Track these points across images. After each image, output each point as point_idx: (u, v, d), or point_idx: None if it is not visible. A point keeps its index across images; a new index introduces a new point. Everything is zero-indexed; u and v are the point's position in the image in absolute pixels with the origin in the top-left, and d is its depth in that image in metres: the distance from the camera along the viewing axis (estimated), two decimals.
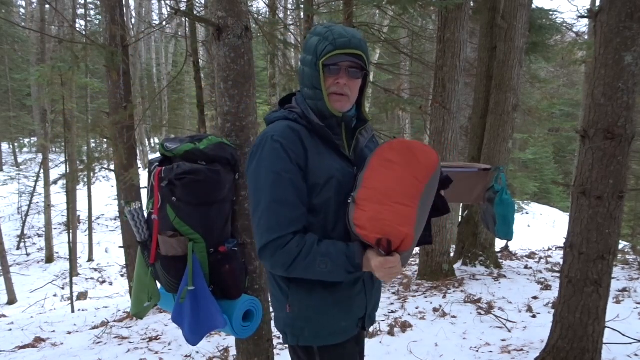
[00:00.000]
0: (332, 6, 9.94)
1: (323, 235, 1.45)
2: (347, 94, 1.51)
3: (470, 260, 6.61)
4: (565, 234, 3.02)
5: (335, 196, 1.47)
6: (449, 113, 5.87)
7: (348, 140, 1.59)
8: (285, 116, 1.51)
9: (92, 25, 20.38)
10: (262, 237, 1.40)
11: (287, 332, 1.55)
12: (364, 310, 1.61)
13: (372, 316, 1.70)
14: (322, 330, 1.52)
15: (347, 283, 1.52)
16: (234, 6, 2.09)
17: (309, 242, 1.39)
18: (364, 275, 1.55)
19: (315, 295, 1.50)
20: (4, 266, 10.19)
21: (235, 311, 2.01)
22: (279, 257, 1.39)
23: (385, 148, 1.52)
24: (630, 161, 3.45)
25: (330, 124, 1.53)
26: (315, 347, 1.53)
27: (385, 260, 1.34)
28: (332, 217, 1.48)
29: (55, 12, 14.73)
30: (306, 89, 1.52)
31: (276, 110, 1.60)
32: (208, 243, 1.93)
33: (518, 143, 18.39)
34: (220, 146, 1.99)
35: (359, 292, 1.57)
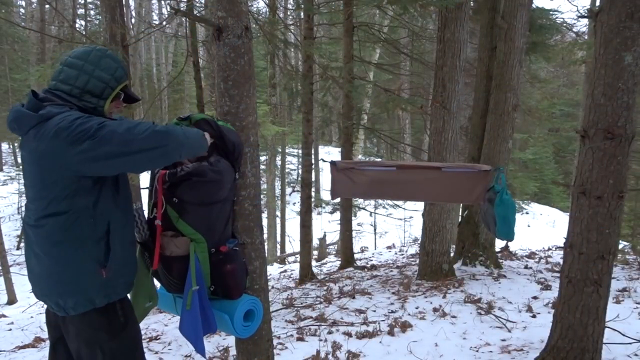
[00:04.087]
0: (332, 6, 9.94)
1: None
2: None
3: (470, 260, 6.61)
4: (565, 234, 3.02)
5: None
6: (449, 113, 5.87)
7: None
8: (68, 110, 1.72)
9: (92, 25, 20.38)
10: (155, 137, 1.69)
11: (95, 297, 1.75)
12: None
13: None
14: (129, 279, 1.89)
15: (133, 245, 1.94)
16: (234, 6, 2.09)
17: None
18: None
19: (125, 254, 1.84)
20: (4, 266, 10.19)
21: (236, 311, 2.01)
22: (176, 135, 1.76)
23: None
24: (630, 161, 3.45)
25: None
26: (117, 301, 1.81)
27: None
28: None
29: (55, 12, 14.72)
30: (88, 95, 1.80)
31: (32, 105, 1.72)
32: (209, 243, 1.94)
33: (518, 143, 18.39)
34: (233, 132, 2.08)
35: (133, 253, 1.98)
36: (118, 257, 1.78)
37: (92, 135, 1.61)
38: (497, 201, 3.94)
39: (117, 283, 1.80)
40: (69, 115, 1.66)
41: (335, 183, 4.47)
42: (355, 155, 14.20)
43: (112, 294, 1.79)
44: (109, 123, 1.66)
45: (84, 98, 1.79)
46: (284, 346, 3.90)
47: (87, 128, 1.62)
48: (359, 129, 12.10)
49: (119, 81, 1.86)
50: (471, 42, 7.95)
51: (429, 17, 9.78)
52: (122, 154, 1.64)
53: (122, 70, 1.87)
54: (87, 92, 1.79)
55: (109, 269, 1.74)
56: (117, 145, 1.62)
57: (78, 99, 1.78)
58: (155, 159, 1.71)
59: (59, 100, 1.74)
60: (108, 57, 1.85)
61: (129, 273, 1.88)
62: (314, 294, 6.07)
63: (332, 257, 12.05)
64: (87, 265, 1.73)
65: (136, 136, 1.64)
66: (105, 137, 1.61)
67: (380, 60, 14.51)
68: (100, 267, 1.73)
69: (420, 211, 6.96)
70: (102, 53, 1.84)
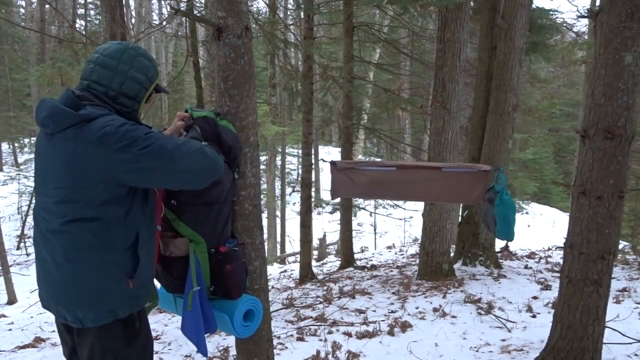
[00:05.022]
0: (332, 6, 9.95)
1: None
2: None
3: (470, 260, 6.61)
4: (565, 234, 3.02)
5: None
6: (449, 113, 5.87)
7: None
8: (108, 112, 1.68)
9: (92, 25, 20.38)
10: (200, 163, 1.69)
11: (119, 309, 1.70)
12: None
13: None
14: (150, 290, 1.85)
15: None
16: (234, 6, 2.09)
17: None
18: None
19: (149, 264, 1.80)
20: (4, 266, 10.19)
21: (236, 311, 2.01)
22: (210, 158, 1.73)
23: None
24: (630, 161, 3.45)
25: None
26: (135, 313, 1.76)
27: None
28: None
29: (55, 12, 14.72)
30: (123, 98, 1.74)
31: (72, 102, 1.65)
32: (209, 243, 1.94)
33: (518, 143, 18.39)
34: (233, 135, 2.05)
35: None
36: (145, 268, 1.75)
37: (140, 145, 1.58)
38: (497, 201, 3.94)
39: (140, 294, 1.76)
40: (113, 120, 1.61)
41: (335, 183, 4.47)
42: (355, 155, 14.18)
43: (135, 305, 1.75)
44: (157, 136, 1.63)
45: (119, 100, 1.73)
46: (284, 346, 3.90)
47: (135, 137, 1.58)
48: (359, 128, 12.10)
49: (152, 81, 1.81)
50: (471, 42, 7.95)
51: (429, 17, 9.78)
52: (166, 170, 1.61)
53: (155, 69, 1.81)
54: (123, 94, 1.73)
55: (136, 280, 1.70)
56: (164, 160, 1.60)
57: (114, 101, 1.72)
58: (195, 181, 1.70)
59: (97, 101, 1.68)
60: (142, 56, 1.78)
61: (150, 283, 1.85)
62: (314, 294, 6.07)
63: (332, 257, 12.05)
64: (115, 275, 1.67)
65: (185, 154, 1.63)
66: (153, 150, 1.59)
67: (380, 60, 14.51)
68: (127, 277, 1.68)
69: (420, 211, 6.96)
70: (136, 52, 1.77)
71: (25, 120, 23.02)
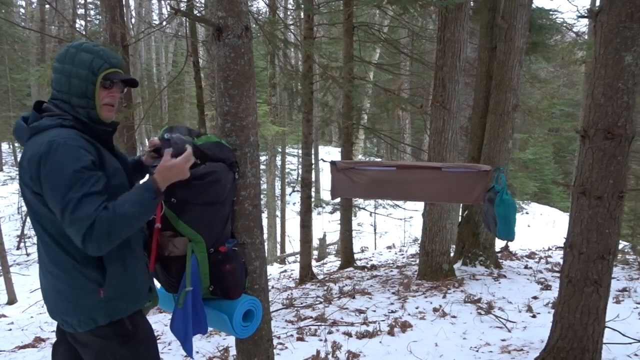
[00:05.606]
0: (332, 6, 9.95)
1: None
2: (116, 105, 1.82)
3: (470, 260, 6.61)
4: (565, 234, 3.02)
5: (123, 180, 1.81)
6: (449, 113, 5.87)
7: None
8: (60, 123, 1.66)
9: (92, 25, 20.37)
10: (80, 229, 1.57)
11: (96, 316, 1.71)
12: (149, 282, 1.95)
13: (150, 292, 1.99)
14: (136, 297, 1.82)
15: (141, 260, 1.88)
16: (234, 6, 2.09)
17: (110, 206, 1.61)
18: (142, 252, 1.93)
19: (127, 274, 1.77)
20: (4, 266, 10.19)
21: (235, 311, 2.01)
22: (97, 234, 1.57)
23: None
24: (630, 161, 3.45)
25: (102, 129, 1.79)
26: (125, 317, 1.77)
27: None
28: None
29: (55, 12, 14.72)
30: (75, 98, 1.71)
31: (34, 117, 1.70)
32: (208, 243, 1.94)
33: (518, 143, 18.39)
34: (218, 146, 2.01)
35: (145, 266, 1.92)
36: (117, 278, 1.73)
37: (50, 183, 1.58)
38: (497, 201, 3.94)
39: (119, 303, 1.74)
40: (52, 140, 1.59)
41: (335, 183, 4.47)
42: (355, 155, 14.19)
43: (115, 314, 1.74)
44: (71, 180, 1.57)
45: (72, 102, 1.71)
46: (284, 346, 3.90)
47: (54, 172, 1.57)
48: (359, 128, 12.11)
49: (98, 72, 1.72)
50: (471, 42, 7.95)
51: (429, 17, 9.78)
52: (59, 218, 1.60)
53: (100, 59, 1.72)
54: (73, 95, 1.71)
55: (107, 289, 1.70)
56: (57, 210, 1.58)
57: (70, 105, 1.71)
58: (82, 245, 1.61)
59: (57, 110, 1.70)
60: (83, 51, 1.72)
61: (135, 292, 1.81)
62: (314, 294, 6.07)
63: (332, 257, 12.06)
64: (84, 286, 1.69)
65: (73, 220, 1.56)
66: (54, 195, 1.58)
67: (380, 60, 14.51)
68: (98, 287, 1.69)
69: (420, 211, 6.96)
70: (77, 49, 1.72)
71: None
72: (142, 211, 1.68)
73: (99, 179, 1.63)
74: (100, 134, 1.76)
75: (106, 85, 1.75)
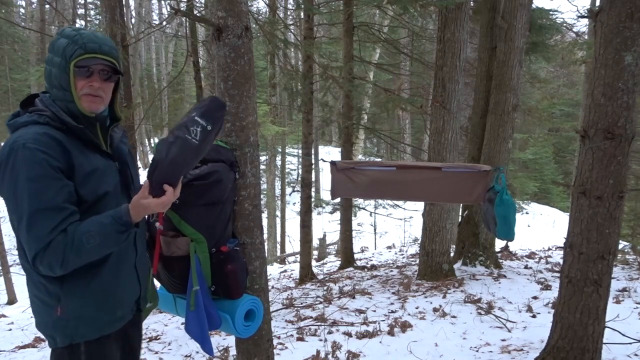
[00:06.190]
0: (332, 6, 9.95)
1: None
2: (101, 95, 1.58)
3: (470, 260, 6.61)
4: (565, 234, 3.02)
5: (106, 186, 1.57)
6: (449, 113, 5.87)
7: (104, 138, 1.65)
8: (35, 120, 1.49)
9: (92, 25, 20.38)
10: (30, 249, 1.41)
11: (56, 335, 1.54)
12: (138, 293, 1.72)
13: (146, 296, 1.79)
14: (99, 322, 1.57)
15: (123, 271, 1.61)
16: (234, 6, 2.09)
17: (70, 230, 1.42)
18: (135, 260, 1.67)
19: (91, 292, 1.54)
20: (4, 266, 10.19)
21: (237, 311, 2.01)
22: (49, 258, 1.40)
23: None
24: (630, 161, 3.45)
25: (83, 123, 1.56)
26: (81, 342, 1.55)
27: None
28: (112, 205, 1.56)
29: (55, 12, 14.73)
30: (55, 90, 1.53)
31: (17, 113, 1.55)
32: (210, 243, 1.94)
33: (518, 143, 18.39)
34: (215, 148, 2.02)
35: (132, 277, 1.66)
36: (80, 295, 1.52)
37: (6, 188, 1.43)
38: (497, 201, 3.94)
39: (77, 324, 1.53)
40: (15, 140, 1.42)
41: (335, 183, 4.47)
42: (355, 155, 14.19)
43: (75, 335, 1.54)
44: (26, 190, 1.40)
45: (54, 94, 1.54)
46: (284, 346, 3.90)
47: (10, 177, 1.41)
48: (359, 128, 12.11)
49: (69, 59, 1.50)
50: (471, 42, 7.94)
51: (429, 17, 9.78)
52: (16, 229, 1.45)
53: (75, 44, 1.50)
54: (53, 87, 1.53)
55: (64, 308, 1.51)
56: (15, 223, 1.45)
57: (52, 96, 1.55)
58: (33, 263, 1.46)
59: (39, 105, 1.54)
60: (63, 37, 1.52)
61: (101, 312, 1.57)
62: (314, 294, 6.07)
63: (332, 257, 12.05)
64: (44, 299, 1.53)
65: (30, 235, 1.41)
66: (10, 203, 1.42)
67: (380, 60, 14.51)
68: (56, 303, 1.51)
69: (420, 211, 6.96)
70: (60, 34, 1.54)
71: None
72: (104, 244, 1.47)
73: (60, 190, 1.43)
74: (76, 130, 1.52)
75: (83, 73, 1.52)
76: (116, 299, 1.61)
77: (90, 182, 1.51)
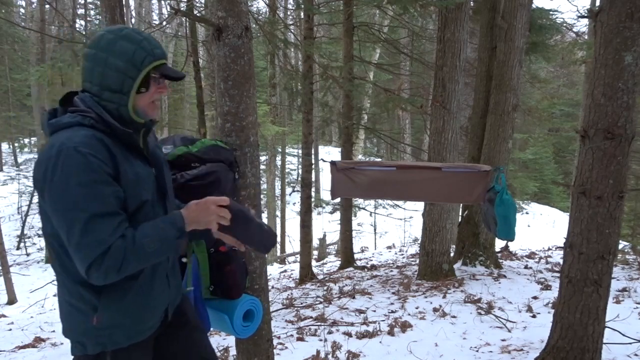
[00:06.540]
0: (332, 6, 9.95)
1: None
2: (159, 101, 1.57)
3: (470, 260, 6.61)
4: (565, 234, 3.02)
5: (146, 194, 1.50)
6: (449, 113, 5.87)
7: (143, 143, 1.60)
8: (79, 122, 1.41)
9: (92, 25, 20.35)
10: (87, 255, 1.34)
11: (87, 343, 1.50)
12: (167, 303, 1.66)
13: (174, 304, 1.73)
14: (132, 331, 1.54)
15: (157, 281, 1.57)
16: (234, 6, 2.09)
17: (128, 235, 1.39)
18: (167, 269, 1.63)
19: (128, 301, 1.50)
20: (4, 266, 10.18)
21: (236, 311, 2.01)
22: (107, 263, 1.35)
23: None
24: (630, 161, 3.45)
25: (131, 128, 1.51)
26: (109, 351, 1.51)
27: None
28: (150, 214, 1.51)
29: (55, 12, 14.73)
30: (107, 92, 1.46)
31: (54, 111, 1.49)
32: (208, 243, 1.94)
33: (518, 143, 18.38)
34: (214, 149, 2.02)
35: (164, 287, 1.62)
36: (116, 304, 1.49)
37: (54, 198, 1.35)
38: (497, 201, 3.94)
39: (111, 333, 1.50)
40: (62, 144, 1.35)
41: (335, 183, 4.47)
42: (355, 155, 14.18)
43: (107, 343, 1.50)
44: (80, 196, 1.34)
45: (104, 96, 1.46)
46: (284, 346, 3.90)
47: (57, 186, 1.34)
48: (359, 128, 12.11)
49: (141, 66, 1.45)
50: (471, 42, 7.94)
51: (429, 17, 9.78)
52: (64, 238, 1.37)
53: (143, 50, 1.45)
54: (106, 89, 1.45)
55: (101, 317, 1.47)
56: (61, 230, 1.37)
57: (100, 98, 1.46)
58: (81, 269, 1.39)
59: (81, 105, 1.45)
60: (123, 39, 1.45)
61: (134, 321, 1.54)
62: (314, 294, 6.07)
63: (332, 257, 12.05)
64: (79, 307, 1.48)
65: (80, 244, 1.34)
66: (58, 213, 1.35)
67: (380, 60, 14.51)
68: (92, 311, 1.46)
69: (420, 211, 6.96)
70: (116, 34, 1.45)
71: (25, 120, 23.03)
72: (163, 249, 1.44)
73: (113, 195, 1.39)
74: (123, 135, 1.47)
75: (156, 80, 1.51)
76: (149, 308, 1.58)
77: (133, 189, 1.45)
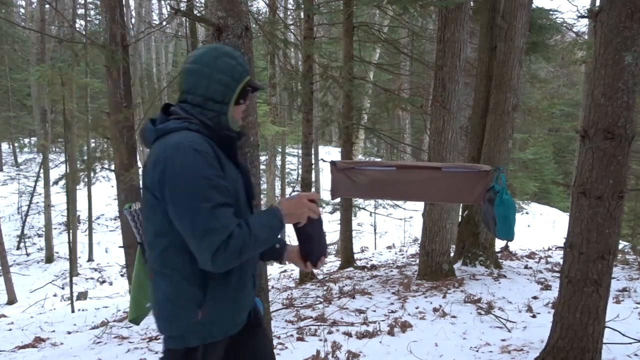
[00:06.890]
0: (332, 6, 9.95)
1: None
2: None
3: (470, 260, 6.61)
4: (565, 234, 3.02)
5: (241, 195, 1.66)
6: (449, 113, 5.87)
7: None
8: (186, 127, 1.57)
9: (92, 25, 20.39)
10: (213, 242, 1.44)
11: (189, 337, 1.59)
12: (253, 300, 1.82)
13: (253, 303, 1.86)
14: (228, 325, 1.67)
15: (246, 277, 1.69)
16: (234, 6, 2.10)
17: (243, 224, 1.52)
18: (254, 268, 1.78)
19: (228, 296, 1.63)
20: (4, 266, 10.19)
21: None
22: (231, 248, 1.47)
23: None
24: (630, 161, 3.45)
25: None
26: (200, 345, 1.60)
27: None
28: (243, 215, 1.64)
29: (55, 12, 14.73)
30: (210, 102, 1.63)
31: (154, 119, 1.65)
32: None
33: (518, 143, 18.39)
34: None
35: (251, 284, 1.75)
36: (219, 299, 1.59)
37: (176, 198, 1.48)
38: (497, 201, 3.94)
39: (213, 326, 1.61)
40: (178, 143, 1.50)
41: (335, 183, 4.47)
42: (355, 155, 14.18)
43: (207, 337, 1.61)
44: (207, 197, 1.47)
45: (208, 106, 1.63)
46: (284, 346, 3.90)
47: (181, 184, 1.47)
48: (359, 128, 12.12)
49: (240, 80, 1.67)
50: (471, 42, 7.95)
51: (429, 17, 9.79)
52: (186, 236, 1.49)
53: (242, 66, 1.68)
54: (209, 99, 1.63)
55: (206, 311, 1.57)
56: (184, 229, 1.49)
57: (202, 107, 1.63)
58: (201, 262, 1.51)
59: (182, 113, 1.61)
60: (225, 56, 1.65)
61: (230, 316, 1.66)
62: (314, 294, 6.07)
63: (332, 257, 12.06)
64: (183, 304, 1.57)
65: (203, 241, 1.45)
66: (179, 212, 1.48)
67: (380, 60, 14.52)
68: (197, 307, 1.56)
69: (420, 211, 6.96)
70: (219, 52, 1.66)
71: (25, 120, 23.04)
72: (272, 237, 1.60)
73: (227, 189, 1.53)
74: (226, 139, 1.64)
75: (247, 93, 1.72)
76: (244, 304, 1.72)
77: (233, 188, 1.60)
